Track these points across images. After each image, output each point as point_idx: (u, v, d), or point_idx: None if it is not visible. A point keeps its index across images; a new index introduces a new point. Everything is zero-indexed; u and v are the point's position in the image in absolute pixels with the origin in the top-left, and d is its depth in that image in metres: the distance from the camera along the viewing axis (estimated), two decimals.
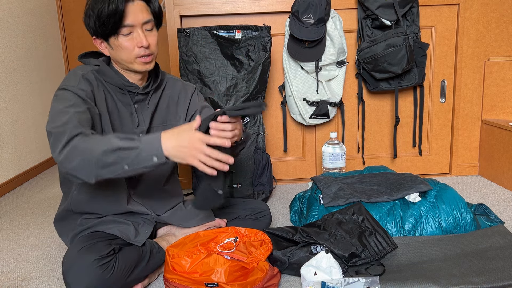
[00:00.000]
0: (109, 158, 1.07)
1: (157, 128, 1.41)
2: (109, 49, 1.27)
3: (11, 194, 2.39)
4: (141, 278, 1.29)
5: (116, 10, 1.18)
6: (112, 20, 1.19)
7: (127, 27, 1.21)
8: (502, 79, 2.26)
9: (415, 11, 2.14)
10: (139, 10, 1.22)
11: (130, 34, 1.23)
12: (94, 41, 1.28)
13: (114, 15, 1.18)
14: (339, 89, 2.20)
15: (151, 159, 1.08)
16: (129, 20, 1.21)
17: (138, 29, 1.23)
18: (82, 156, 1.07)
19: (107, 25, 1.19)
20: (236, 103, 1.95)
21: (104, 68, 1.29)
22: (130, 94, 1.33)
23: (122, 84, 1.30)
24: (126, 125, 1.33)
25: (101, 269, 1.15)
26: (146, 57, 1.27)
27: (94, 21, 1.20)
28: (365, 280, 1.16)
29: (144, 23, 1.24)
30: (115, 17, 1.18)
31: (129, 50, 1.24)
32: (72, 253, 1.19)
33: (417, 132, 2.34)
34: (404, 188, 1.65)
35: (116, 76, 1.30)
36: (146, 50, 1.25)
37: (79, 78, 1.24)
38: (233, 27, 2.01)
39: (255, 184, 2.03)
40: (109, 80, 1.30)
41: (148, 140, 1.09)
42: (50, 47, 3.09)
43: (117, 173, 1.09)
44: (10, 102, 2.52)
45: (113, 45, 1.24)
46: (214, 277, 1.15)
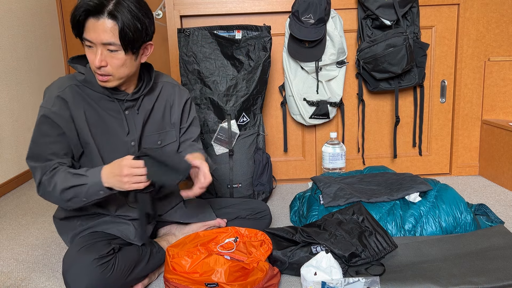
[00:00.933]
0: (68, 195, 1.19)
1: (152, 136, 1.37)
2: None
3: (11, 194, 2.39)
4: (141, 277, 1.29)
5: (77, 21, 1.14)
6: (75, 29, 1.16)
7: (86, 40, 1.16)
8: (502, 79, 2.26)
9: (415, 11, 2.14)
10: (101, 30, 1.13)
11: (91, 48, 1.17)
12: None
13: (75, 24, 1.16)
14: (339, 89, 2.21)
15: (98, 192, 1.19)
16: (88, 35, 1.15)
17: (98, 47, 1.16)
18: (51, 197, 1.21)
19: (73, 30, 1.17)
20: (236, 103, 1.96)
21: (89, 76, 1.24)
22: (119, 101, 1.29)
23: (107, 92, 1.26)
24: (114, 134, 1.29)
25: (101, 269, 1.15)
26: (101, 76, 1.20)
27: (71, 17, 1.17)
28: (365, 280, 1.16)
29: (105, 43, 1.15)
30: (76, 26, 1.16)
31: (90, 62, 1.19)
32: (72, 253, 1.19)
33: (417, 132, 2.34)
34: (404, 188, 1.65)
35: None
36: (99, 69, 1.18)
37: (54, 99, 1.21)
38: (233, 27, 2.01)
39: (255, 184, 2.03)
40: (94, 89, 1.26)
41: (93, 174, 1.18)
42: (50, 47, 3.09)
43: (81, 204, 1.21)
44: (10, 102, 2.52)
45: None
46: (214, 277, 1.15)
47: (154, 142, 1.37)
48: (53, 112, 1.21)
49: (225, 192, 1.98)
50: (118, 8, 1.13)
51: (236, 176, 1.98)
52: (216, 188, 1.98)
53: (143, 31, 1.19)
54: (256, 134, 2.04)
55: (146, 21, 1.20)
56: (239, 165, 1.98)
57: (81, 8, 1.12)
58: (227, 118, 1.96)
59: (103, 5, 1.12)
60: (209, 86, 1.97)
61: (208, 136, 1.99)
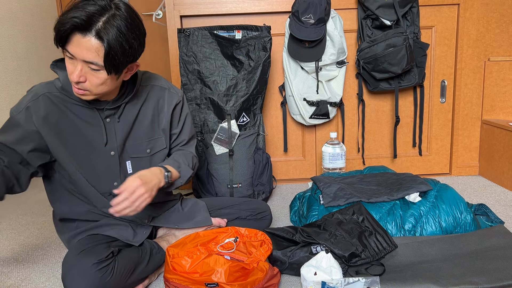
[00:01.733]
0: None
1: (140, 144, 1.31)
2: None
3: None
4: (141, 279, 1.29)
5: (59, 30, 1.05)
6: (58, 41, 1.07)
7: (68, 52, 1.08)
8: (502, 79, 2.26)
9: (415, 11, 2.14)
10: (86, 47, 1.05)
11: (71, 59, 1.09)
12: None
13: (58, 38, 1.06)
14: (339, 89, 2.21)
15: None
16: (70, 49, 1.07)
17: (79, 62, 1.08)
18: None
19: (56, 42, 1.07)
20: (236, 103, 1.96)
21: (66, 85, 1.19)
22: (98, 110, 1.22)
23: (84, 101, 1.19)
24: (91, 144, 1.24)
25: (100, 273, 1.14)
26: (78, 89, 1.13)
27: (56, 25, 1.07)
28: (365, 280, 1.16)
29: (87, 61, 1.08)
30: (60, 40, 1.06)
31: (69, 73, 1.11)
32: (71, 257, 1.18)
33: (417, 132, 2.34)
34: (404, 188, 1.65)
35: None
36: (79, 84, 1.11)
37: (23, 110, 1.18)
38: (233, 27, 2.01)
39: (255, 184, 2.03)
40: (72, 97, 1.20)
41: None
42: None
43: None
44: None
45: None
46: (214, 277, 1.15)
47: (143, 151, 1.32)
48: (21, 120, 1.19)
49: (225, 192, 1.98)
50: (107, 28, 1.05)
51: (236, 176, 1.98)
52: (216, 188, 1.98)
53: (130, 54, 1.11)
54: (256, 134, 2.04)
55: (135, 44, 1.12)
56: (239, 165, 1.98)
57: (67, 23, 1.03)
58: (227, 118, 1.96)
59: (92, 22, 1.04)
60: (209, 86, 1.97)
61: (208, 136, 1.99)
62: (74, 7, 1.06)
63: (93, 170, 1.26)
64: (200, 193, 2.03)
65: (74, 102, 1.21)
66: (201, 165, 2.02)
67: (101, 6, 1.06)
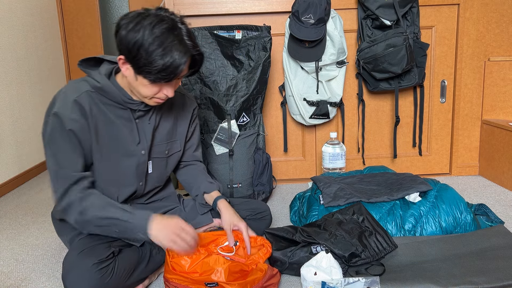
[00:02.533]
0: (103, 222, 1.18)
1: (161, 146, 1.36)
2: (132, 77, 1.17)
3: (11, 194, 2.39)
4: (141, 279, 1.29)
5: (173, 72, 1.12)
6: (161, 75, 1.11)
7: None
8: (502, 79, 2.26)
9: (415, 11, 2.14)
10: (186, 66, 1.15)
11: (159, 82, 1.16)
12: (119, 59, 1.15)
13: (167, 73, 1.11)
14: (339, 89, 2.20)
15: (137, 234, 1.18)
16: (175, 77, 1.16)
17: (172, 83, 1.18)
18: (78, 215, 1.18)
19: (153, 74, 1.11)
20: (236, 103, 1.96)
21: (106, 86, 1.21)
22: (131, 110, 1.27)
23: (123, 101, 1.24)
24: (125, 142, 1.27)
25: (100, 273, 1.14)
26: (160, 100, 1.22)
27: (141, 57, 1.09)
28: (365, 280, 1.16)
29: (180, 77, 1.19)
30: (166, 75, 1.12)
31: (153, 93, 1.18)
32: (72, 257, 1.18)
33: (417, 132, 2.34)
34: (404, 188, 1.65)
35: (118, 93, 1.22)
36: (167, 97, 1.21)
37: (72, 104, 1.17)
38: (233, 27, 2.01)
39: (255, 184, 2.03)
40: (110, 97, 1.23)
41: (140, 216, 1.19)
42: (50, 47, 3.09)
43: (105, 233, 1.21)
44: (10, 102, 2.52)
45: (140, 80, 1.15)
46: (214, 277, 1.15)
47: (162, 152, 1.38)
48: (72, 120, 1.16)
49: (225, 192, 1.98)
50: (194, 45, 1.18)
51: (236, 176, 1.98)
52: None
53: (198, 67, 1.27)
54: (256, 134, 2.04)
55: None
56: (239, 165, 1.98)
57: (181, 58, 1.11)
58: (227, 118, 1.96)
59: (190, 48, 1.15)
60: (209, 86, 1.97)
61: (208, 136, 1.99)
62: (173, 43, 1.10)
63: (121, 169, 1.29)
64: None
65: (109, 103, 1.24)
66: None
67: (186, 30, 1.15)
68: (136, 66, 1.12)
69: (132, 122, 1.28)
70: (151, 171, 1.36)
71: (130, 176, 1.31)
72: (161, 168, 1.39)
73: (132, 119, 1.28)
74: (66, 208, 1.18)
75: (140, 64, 1.10)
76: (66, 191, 1.18)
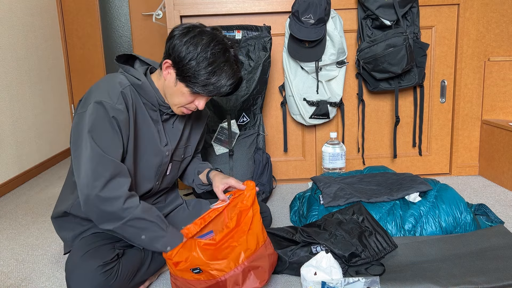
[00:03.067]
0: (139, 224, 1.14)
1: (179, 150, 1.41)
2: (170, 82, 1.21)
3: (11, 194, 2.39)
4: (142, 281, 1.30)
5: (217, 90, 1.19)
6: (205, 89, 1.18)
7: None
8: (502, 79, 2.26)
9: (415, 11, 2.14)
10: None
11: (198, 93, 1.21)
12: (164, 62, 1.20)
13: (211, 90, 1.18)
14: (339, 89, 2.20)
15: (166, 247, 1.18)
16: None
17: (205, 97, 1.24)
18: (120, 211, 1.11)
19: (197, 85, 1.17)
20: (236, 103, 1.96)
21: (145, 85, 1.24)
22: (160, 112, 1.31)
23: (156, 103, 1.27)
24: (153, 141, 1.30)
25: (105, 276, 1.14)
26: (190, 111, 1.27)
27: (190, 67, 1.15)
28: (365, 280, 1.16)
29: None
30: (209, 91, 1.18)
31: (184, 101, 1.23)
32: (76, 258, 1.18)
33: (417, 132, 2.34)
34: (404, 188, 1.65)
35: (154, 94, 1.25)
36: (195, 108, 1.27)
37: (118, 94, 1.17)
38: (233, 27, 2.01)
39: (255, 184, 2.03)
40: (146, 97, 1.26)
41: (173, 234, 1.20)
42: (50, 47, 3.09)
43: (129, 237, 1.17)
44: (10, 102, 2.52)
45: (177, 86, 1.20)
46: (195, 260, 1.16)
47: (180, 155, 1.42)
48: (118, 110, 1.15)
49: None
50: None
51: (236, 176, 1.98)
52: None
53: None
54: (256, 134, 2.04)
55: None
56: (239, 165, 1.98)
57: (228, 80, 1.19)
58: (227, 118, 1.96)
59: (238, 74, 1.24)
60: None
61: (208, 136, 1.99)
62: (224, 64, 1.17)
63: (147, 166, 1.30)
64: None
65: (144, 101, 1.26)
66: None
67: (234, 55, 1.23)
68: (182, 74, 1.17)
69: (160, 124, 1.31)
70: (168, 173, 1.40)
71: (151, 174, 1.33)
72: (175, 170, 1.43)
73: (160, 121, 1.31)
74: (109, 198, 1.10)
75: (188, 74, 1.15)
76: (113, 178, 1.12)
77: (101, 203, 1.10)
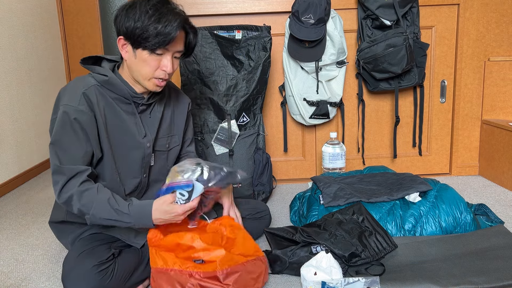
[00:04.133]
0: (104, 222, 1.20)
1: (162, 139, 1.41)
2: (131, 56, 1.24)
3: (11, 194, 2.39)
4: (140, 280, 1.29)
5: (167, 35, 1.18)
6: (156, 40, 1.18)
7: (164, 49, 1.22)
8: (502, 79, 2.26)
9: (415, 11, 2.14)
10: (180, 39, 1.25)
11: (161, 55, 1.23)
12: (118, 40, 1.24)
13: (162, 37, 1.18)
14: (339, 89, 2.21)
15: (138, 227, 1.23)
16: (170, 46, 1.22)
17: (169, 55, 1.24)
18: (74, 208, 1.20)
19: (149, 40, 1.18)
20: (236, 103, 1.96)
21: (112, 78, 1.26)
22: (135, 104, 1.32)
23: (128, 95, 1.29)
24: (131, 135, 1.31)
25: (100, 275, 1.15)
26: (161, 81, 1.27)
27: (135, 27, 1.18)
28: (365, 280, 1.16)
29: (177, 51, 1.26)
30: (160, 39, 1.18)
31: (152, 69, 1.24)
32: (72, 258, 1.19)
33: (417, 132, 2.34)
34: (404, 188, 1.65)
35: (123, 86, 1.28)
36: (166, 74, 1.26)
37: (80, 96, 1.21)
38: (233, 27, 2.01)
39: (255, 184, 2.03)
40: (116, 91, 1.28)
41: (140, 215, 1.21)
42: (50, 47, 3.09)
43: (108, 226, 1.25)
44: (10, 102, 2.52)
45: (138, 56, 1.23)
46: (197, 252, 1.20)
47: (164, 145, 1.42)
48: (80, 111, 1.20)
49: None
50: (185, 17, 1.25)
51: None
52: None
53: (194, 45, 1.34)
54: (256, 134, 2.04)
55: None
56: (239, 165, 1.98)
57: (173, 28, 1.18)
58: (227, 118, 1.96)
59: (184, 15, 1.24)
60: (209, 86, 1.97)
61: (208, 136, 1.99)
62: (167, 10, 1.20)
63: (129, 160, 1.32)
64: None
65: (115, 96, 1.29)
66: None
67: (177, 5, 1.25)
68: (133, 39, 1.20)
69: (136, 116, 1.32)
70: (153, 164, 1.40)
71: (136, 168, 1.34)
72: (162, 161, 1.43)
73: (136, 113, 1.32)
74: (67, 201, 1.19)
75: (139, 35, 1.19)
76: (65, 184, 1.19)
77: (66, 206, 1.21)
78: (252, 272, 1.23)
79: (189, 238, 1.22)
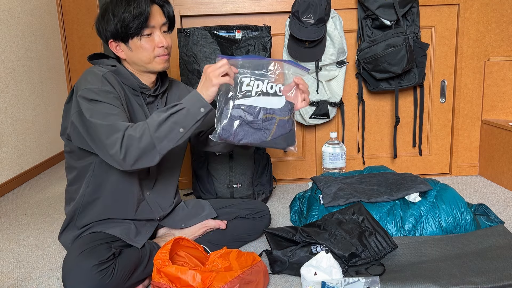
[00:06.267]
0: (164, 129, 1.15)
1: None
2: (127, 51, 1.30)
3: (11, 194, 2.39)
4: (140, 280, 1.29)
5: (142, 13, 1.24)
6: (136, 22, 1.24)
7: (149, 28, 1.27)
8: (502, 79, 2.26)
9: (415, 11, 2.14)
10: (158, 13, 1.29)
11: (150, 35, 1.28)
12: (109, 45, 1.30)
13: (139, 17, 1.24)
14: (339, 89, 2.21)
15: (199, 111, 1.18)
16: (152, 22, 1.27)
17: (157, 31, 1.29)
18: (140, 145, 1.14)
19: (131, 26, 1.24)
20: None
21: (121, 68, 1.32)
22: (143, 96, 1.36)
23: (137, 85, 1.34)
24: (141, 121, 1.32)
25: (100, 275, 1.14)
26: (164, 56, 1.32)
27: (115, 24, 1.24)
28: (365, 280, 1.16)
29: (162, 25, 1.31)
30: (140, 19, 1.24)
31: (149, 51, 1.29)
32: (72, 257, 1.18)
33: (417, 132, 2.34)
34: (404, 188, 1.65)
35: (131, 77, 1.32)
36: (165, 49, 1.31)
37: (101, 78, 1.24)
38: (233, 27, 2.01)
39: (255, 184, 2.03)
40: (125, 81, 1.33)
41: (189, 99, 1.19)
42: (50, 47, 3.09)
43: (176, 139, 1.17)
44: (10, 102, 2.52)
45: (133, 47, 1.28)
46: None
47: None
48: (104, 91, 1.21)
49: (225, 192, 1.98)
50: None
51: (236, 176, 1.98)
52: (216, 188, 1.98)
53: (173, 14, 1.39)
54: None
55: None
56: (239, 165, 1.98)
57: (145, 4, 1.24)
58: None
59: None
60: None
61: None
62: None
63: None
64: (200, 193, 2.03)
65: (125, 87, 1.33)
66: (201, 165, 2.01)
67: None
68: (120, 35, 1.26)
69: (144, 107, 1.37)
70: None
71: None
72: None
73: (144, 105, 1.36)
74: (128, 146, 1.14)
75: (120, 28, 1.25)
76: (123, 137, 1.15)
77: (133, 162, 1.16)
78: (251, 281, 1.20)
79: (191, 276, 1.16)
